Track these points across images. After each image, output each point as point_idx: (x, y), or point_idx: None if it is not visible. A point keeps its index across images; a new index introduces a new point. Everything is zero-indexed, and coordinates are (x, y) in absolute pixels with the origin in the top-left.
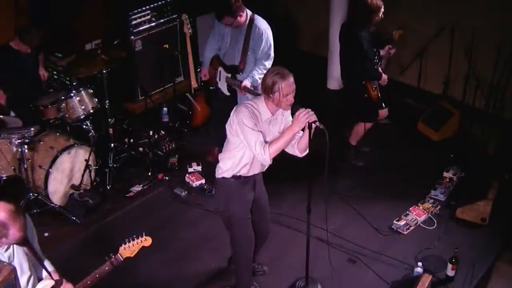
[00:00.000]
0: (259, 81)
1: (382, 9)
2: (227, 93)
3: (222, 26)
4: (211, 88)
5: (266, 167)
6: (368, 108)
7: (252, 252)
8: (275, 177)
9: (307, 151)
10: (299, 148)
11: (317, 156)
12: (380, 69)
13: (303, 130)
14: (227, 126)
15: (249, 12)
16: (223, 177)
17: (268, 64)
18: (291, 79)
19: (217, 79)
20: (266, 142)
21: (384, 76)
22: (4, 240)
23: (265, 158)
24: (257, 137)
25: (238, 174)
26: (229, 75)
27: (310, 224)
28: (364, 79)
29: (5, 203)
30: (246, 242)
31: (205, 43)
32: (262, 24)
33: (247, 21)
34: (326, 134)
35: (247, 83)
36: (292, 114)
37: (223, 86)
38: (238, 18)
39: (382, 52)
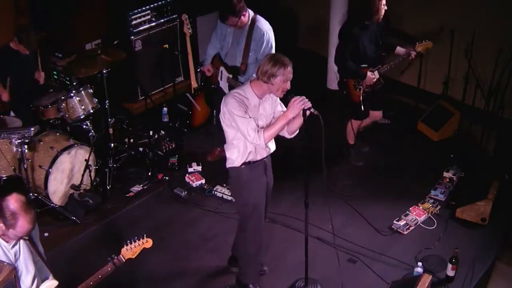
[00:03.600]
0: None
1: (380, 5)
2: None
3: (225, 26)
4: (212, 86)
5: (273, 147)
6: (354, 105)
7: (262, 242)
8: (275, 176)
9: (296, 133)
10: (288, 130)
11: (313, 152)
12: (375, 71)
13: (294, 118)
14: (220, 117)
15: (251, 13)
16: (234, 167)
17: None
18: (291, 65)
19: (219, 78)
20: (258, 126)
21: (370, 76)
22: (11, 231)
23: (260, 143)
24: (248, 124)
25: (247, 161)
26: (231, 76)
27: (310, 224)
28: (345, 76)
29: (17, 194)
30: (258, 231)
31: (205, 43)
32: (264, 25)
33: (249, 22)
34: (321, 120)
35: None
36: (287, 101)
37: (224, 86)
38: (242, 18)
39: (400, 51)
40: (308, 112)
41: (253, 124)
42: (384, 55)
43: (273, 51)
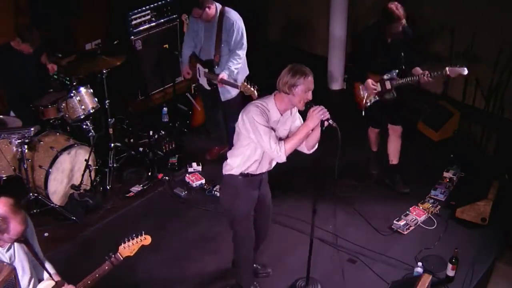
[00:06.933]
0: (236, 72)
1: (396, 22)
2: (208, 88)
3: (196, 22)
4: (193, 85)
5: (274, 165)
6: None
7: (253, 250)
8: (276, 176)
9: (315, 148)
10: (307, 145)
11: (322, 155)
12: (387, 81)
13: (312, 130)
14: (237, 126)
15: (219, 6)
16: (231, 174)
17: (242, 53)
18: (312, 75)
19: (197, 76)
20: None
21: (368, 83)
22: (6, 236)
23: (281, 155)
24: (270, 134)
25: (246, 172)
26: (207, 70)
27: (308, 223)
28: (352, 77)
29: (5, 198)
30: (248, 240)
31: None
32: (233, 15)
33: (218, 15)
34: (339, 133)
35: (224, 75)
36: (306, 112)
37: (203, 82)
38: (207, 10)
39: (416, 71)
40: (326, 123)
41: (274, 135)
42: (403, 69)
43: (245, 39)
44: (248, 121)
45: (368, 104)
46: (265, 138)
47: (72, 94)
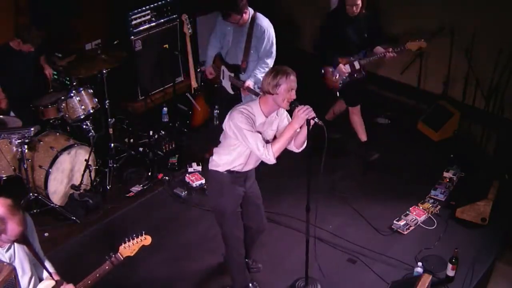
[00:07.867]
0: (262, 80)
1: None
2: (231, 92)
3: (224, 24)
4: (215, 86)
5: (259, 162)
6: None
7: (243, 247)
8: (275, 176)
9: (304, 146)
10: (296, 144)
11: (316, 154)
12: (355, 61)
13: (301, 127)
14: (224, 127)
15: (251, 10)
16: (216, 170)
17: (270, 62)
18: (294, 74)
19: (221, 78)
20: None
21: (341, 67)
22: (3, 236)
23: (270, 158)
24: (257, 138)
25: (232, 170)
26: (232, 74)
27: (310, 224)
28: (322, 63)
29: (2, 199)
30: (237, 237)
31: (205, 43)
32: (264, 22)
33: (249, 20)
34: (325, 131)
35: (250, 83)
36: (291, 111)
37: (227, 85)
38: (244, 15)
39: (378, 50)
40: (312, 122)
41: (261, 139)
42: (368, 49)
43: (274, 48)
44: (234, 127)
45: (340, 85)
46: (253, 142)
47: (72, 94)
